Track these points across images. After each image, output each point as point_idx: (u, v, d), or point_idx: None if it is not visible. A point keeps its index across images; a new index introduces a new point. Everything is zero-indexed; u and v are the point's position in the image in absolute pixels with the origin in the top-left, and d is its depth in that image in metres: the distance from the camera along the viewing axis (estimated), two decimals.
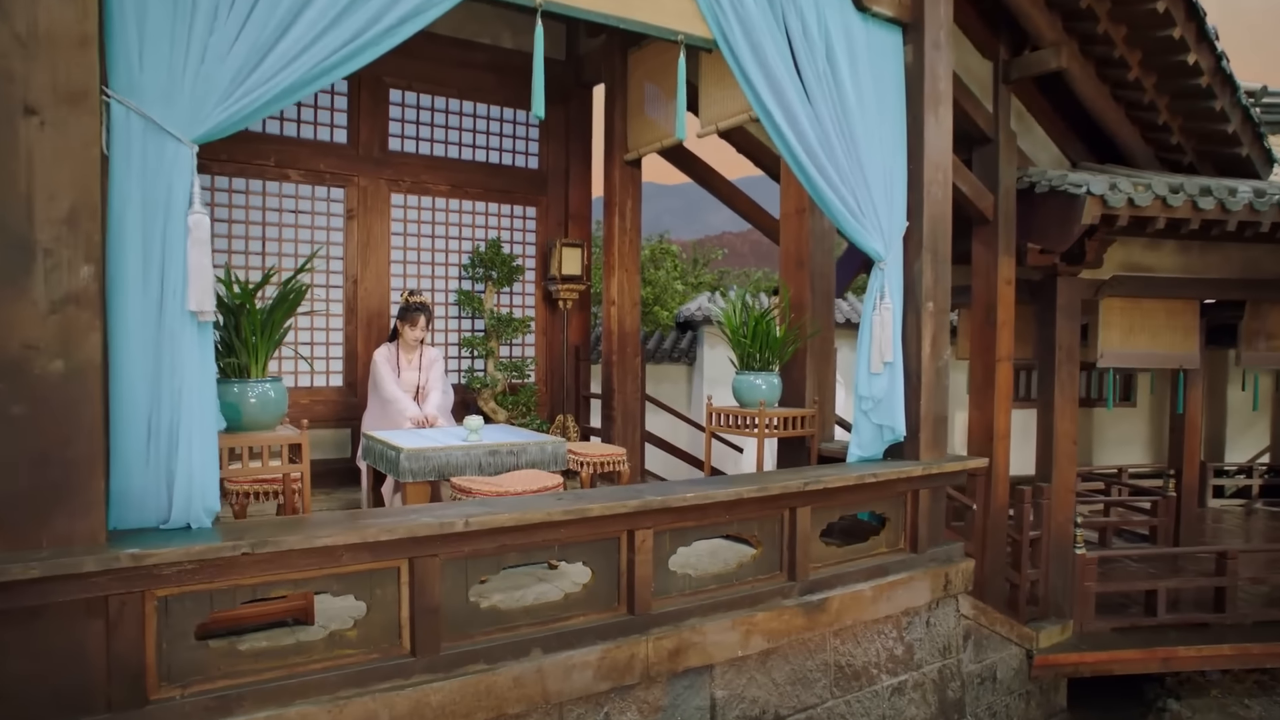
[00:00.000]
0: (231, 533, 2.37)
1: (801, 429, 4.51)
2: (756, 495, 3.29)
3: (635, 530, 3.01)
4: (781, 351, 4.57)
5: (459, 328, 6.57)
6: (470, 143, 6.58)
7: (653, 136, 6.06)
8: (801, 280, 4.66)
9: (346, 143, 6.07)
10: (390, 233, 6.24)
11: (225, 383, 3.08)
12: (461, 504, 2.86)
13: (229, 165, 5.65)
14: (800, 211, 4.68)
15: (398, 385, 5.21)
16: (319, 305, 5.99)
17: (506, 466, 4.29)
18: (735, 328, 4.59)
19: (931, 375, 4.12)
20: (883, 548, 3.98)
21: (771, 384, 4.54)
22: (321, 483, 5.86)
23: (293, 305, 3.18)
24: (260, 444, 3.01)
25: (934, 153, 4.07)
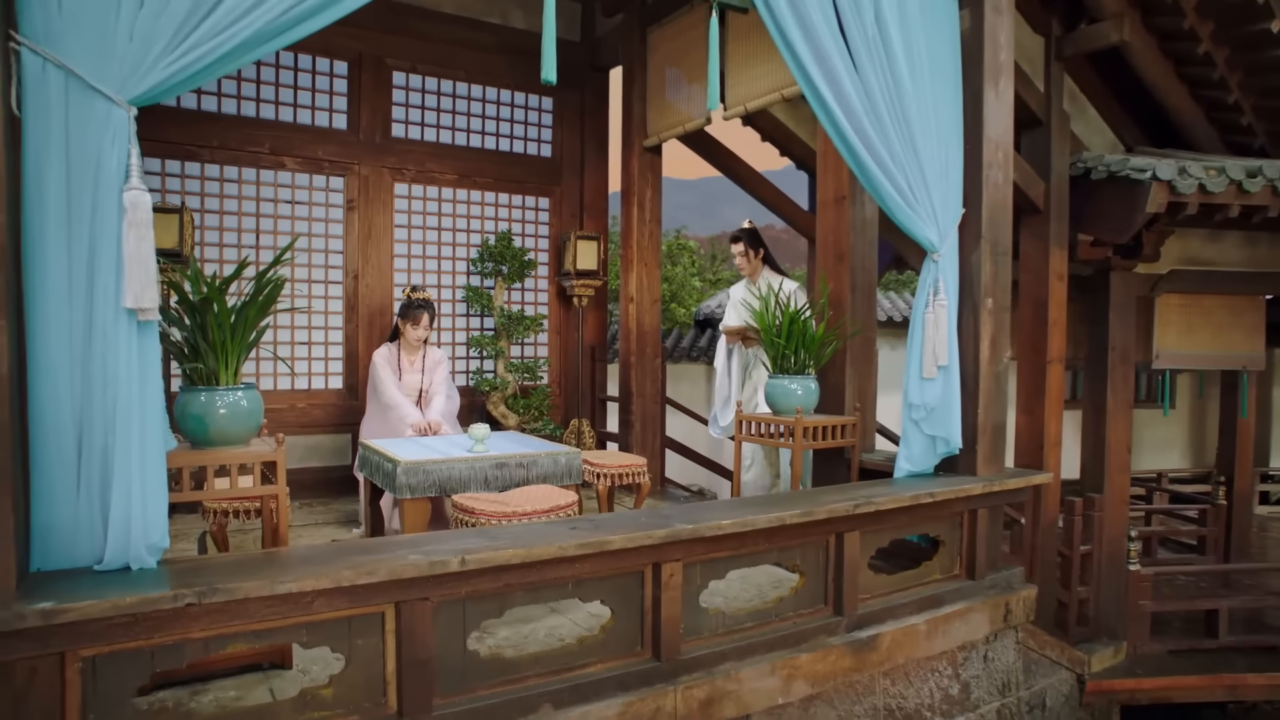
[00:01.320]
0: (178, 577, 1.97)
1: (841, 439, 4.07)
2: (801, 521, 2.86)
3: (662, 563, 2.59)
4: (819, 353, 4.14)
5: (467, 326, 6.16)
6: (479, 129, 6.17)
7: (674, 120, 5.63)
8: (841, 275, 4.23)
9: (346, 129, 5.68)
10: (393, 225, 5.85)
11: (191, 391, 2.68)
12: (458, 535, 2.45)
13: (220, 153, 5.27)
14: (839, 200, 4.24)
15: (399, 389, 4.81)
16: (317, 303, 5.60)
17: (515, 480, 3.89)
18: (768, 327, 4.16)
19: (990, 380, 3.68)
20: (936, 574, 3.54)
21: (808, 389, 4.11)
22: (320, 492, 5.49)
23: (268, 301, 2.77)
24: (229, 462, 2.61)
25: (994, 131, 3.62)
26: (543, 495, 3.53)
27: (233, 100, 5.32)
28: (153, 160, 5.10)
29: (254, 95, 5.38)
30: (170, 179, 5.16)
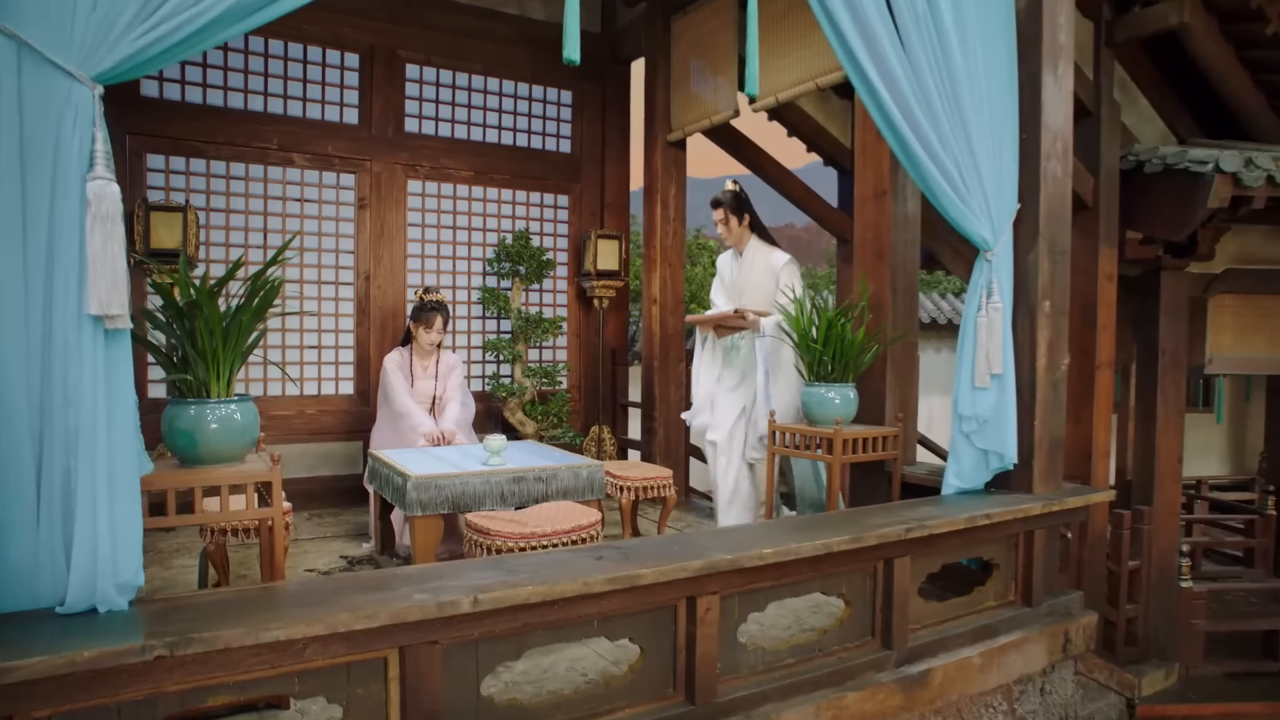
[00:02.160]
0: (151, 622, 1.72)
1: (882, 451, 3.79)
2: (850, 548, 2.59)
3: (697, 597, 2.33)
4: (858, 360, 3.86)
5: (483, 329, 5.92)
6: (495, 124, 5.93)
7: (700, 114, 5.36)
8: (881, 275, 3.94)
9: (358, 123, 5.46)
10: (406, 223, 5.61)
11: (179, 404, 2.44)
12: (470, 568, 2.20)
13: (225, 149, 5.05)
14: (880, 194, 3.95)
15: (410, 396, 4.57)
16: (327, 305, 5.38)
17: (534, 496, 3.64)
18: (804, 331, 3.88)
19: (1048, 390, 3.39)
20: (990, 601, 3.25)
21: (847, 398, 3.83)
22: (329, 502, 5.27)
23: (263, 305, 2.53)
24: (219, 482, 2.37)
25: (1053, 119, 3.33)
26: (563, 513, 3.27)
27: (239, 94, 5.10)
28: (156, 157, 4.90)
29: (261, 89, 5.17)
30: (175, 176, 4.95)
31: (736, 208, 4.50)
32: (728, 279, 4.65)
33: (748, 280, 4.50)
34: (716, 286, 4.76)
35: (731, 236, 4.53)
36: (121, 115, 4.74)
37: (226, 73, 5.06)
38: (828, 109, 6.67)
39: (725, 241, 4.63)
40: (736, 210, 4.50)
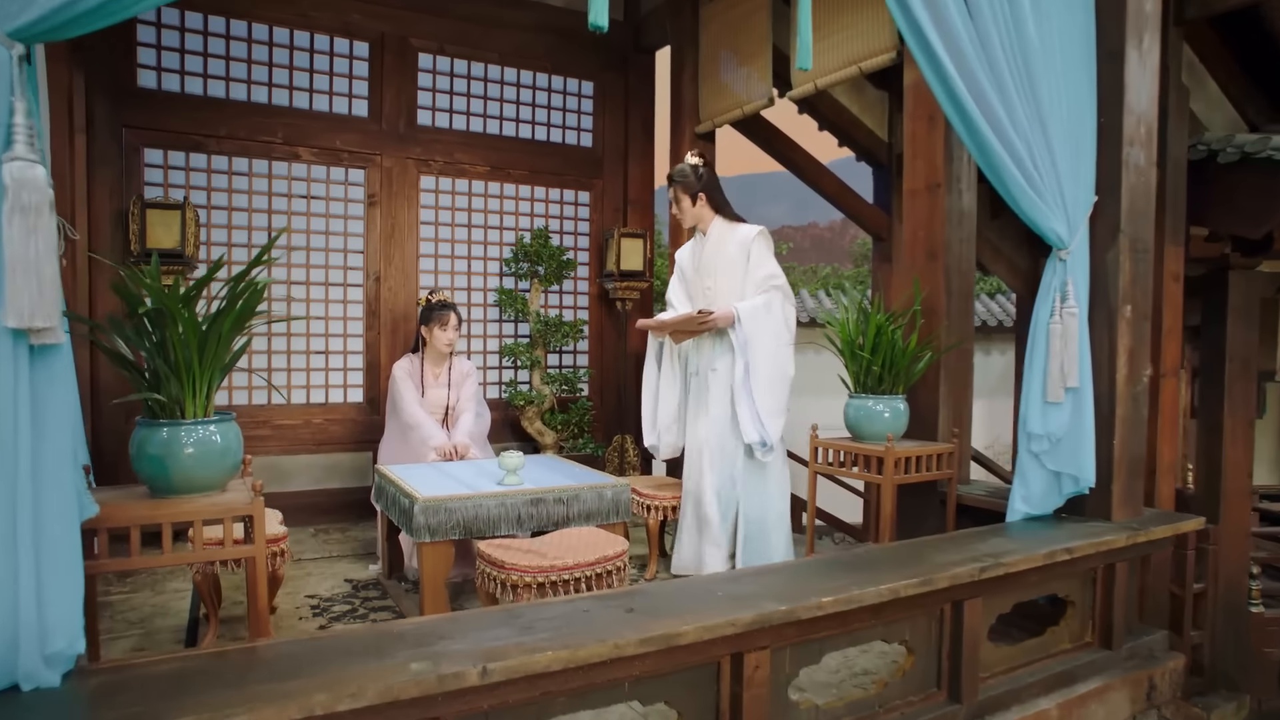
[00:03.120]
0: (86, 707, 1.41)
1: (936, 470, 3.44)
2: (919, 592, 2.24)
3: (745, 653, 1.99)
4: (909, 370, 3.50)
5: (499, 333, 5.61)
6: (513, 116, 5.61)
7: (731, 103, 5.02)
8: (934, 276, 3.58)
9: (368, 116, 5.16)
10: (419, 221, 5.31)
11: (149, 426, 2.14)
12: (479, 623, 1.87)
13: (227, 143, 4.76)
14: (932, 188, 3.60)
15: (421, 406, 4.26)
16: (335, 308, 5.08)
17: (554, 519, 3.31)
18: (850, 339, 3.53)
19: (1129, 404, 3.02)
20: (1065, 643, 2.89)
21: (897, 411, 3.48)
22: (337, 516, 4.98)
23: (246, 311, 2.22)
24: (192, 517, 2.05)
25: (1136, 100, 2.96)
26: (587, 542, 2.94)
27: (242, 85, 4.81)
28: (154, 152, 4.61)
29: (266, 80, 4.88)
30: (173, 172, 4.67)
31: (691, 184, 3.92)
32: (689, 272, 4.09)
33: (716, 262, 3.93)
34: (675, 285, 4.20)
35: (689, 218, 3.98)
36: (118, 107, 4.47)
37: (228, 63, 4.77)
38: (863, 100, 6.31)
39: (684, 225, 4.08)
40: (691, 187, 3.92)
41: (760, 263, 3.82)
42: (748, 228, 3.91)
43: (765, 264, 3.83)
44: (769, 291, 3.80)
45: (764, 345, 3.75)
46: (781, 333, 3.81)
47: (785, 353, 3.84)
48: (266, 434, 4.90)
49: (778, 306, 3.81)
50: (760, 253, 3.83)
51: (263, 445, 4.88)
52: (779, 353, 3.81)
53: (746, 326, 3.74)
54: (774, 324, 3.79)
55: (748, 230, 3.89)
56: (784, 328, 3.82)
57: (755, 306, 3.77)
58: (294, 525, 4.88)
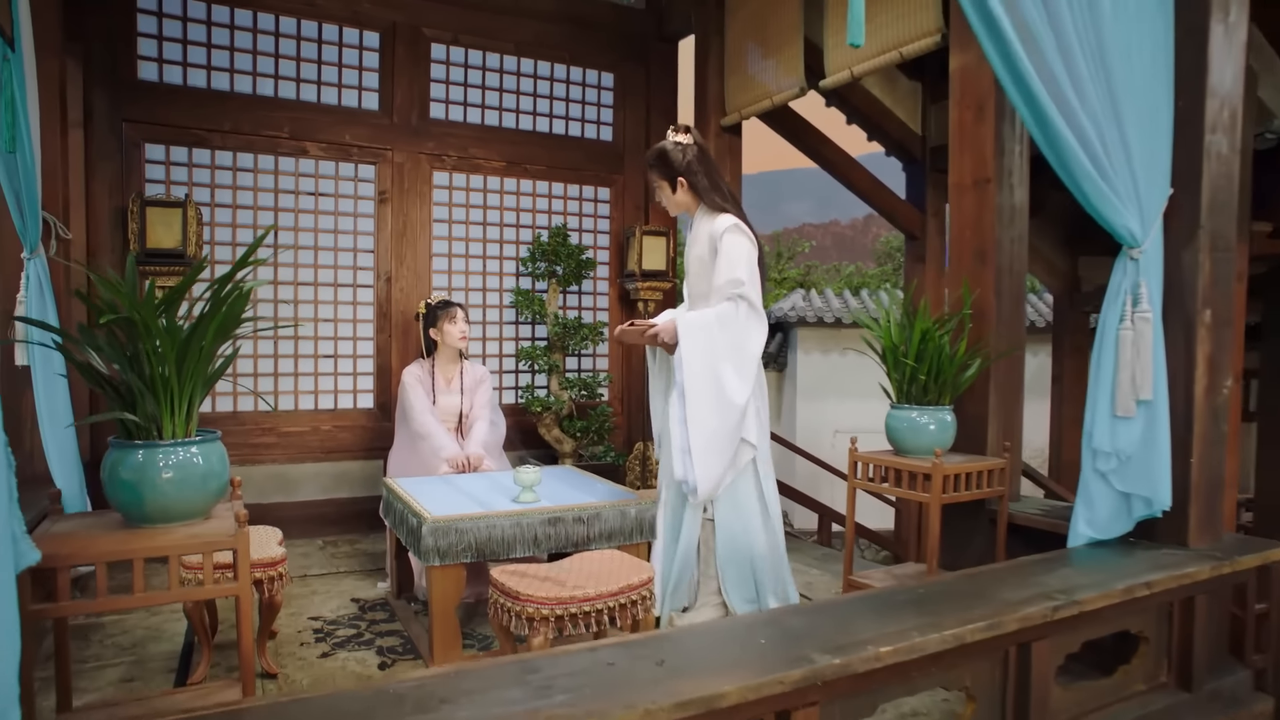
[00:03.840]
0: None
1: (986, 488, 3.17)
2: (986, 636, 1.98)
3: (792, 711, 1.74)
4: (957, 379, 3.23)
5: (515, 335, 5.37)
6: (530, 109, 5.37)
7: (759, 94, 4.76)
8: (983, 278, 3.31)
9: (378, 109, 4.93)
10: (431, 219, 5.08)
11: (122, 449, 1.91)
12: (488, 680, 1.62)
13: (231, 138, 4.55)
14: (982, 183, 3.32)
15: (432, 414, 4.04)
16: (344, 309, 4.86)
17: (573, 540, 3.07)
18: (893, 345, 3.27)
19: (1208, 419, 2.74)
20: (1139, 684, 2.61)
21: (944, 424, 3.21)
22: (347, 527, 4.77)
23: (230, 317, 1.99)
24: (167, 553, 1.82)
25: (1220, 81, 2.68)
26: (609, 568, 2.69)
27: (247, 77, 4.60)
28: (155, 147, 4.41)
29: (271, 71, 4.66)
30: (175, 168, 4.47)
31: (669, 167, 3.23)
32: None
33: (689, 259, 3.33)
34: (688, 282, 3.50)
35: (674, 207, 3.34)
36: (116, 100, 4.28)
37: (233, 54, 4.56)
38: (896, 91, 6.03)
39: (670, 212, 3.46)
40: (671, 170, 3.23)
41: (728, 264, 3.05)
42: (722, 219, 3.13)
43: (733, 266, 3.04)
44: (731, 300, 3.03)
45: (703, 368, 3.00)
46: (733, 354, 3.02)
47: (734, 381, 3.02)
48: (272, 441, 4.69)
49: (734, 322, 3.02)
50: (729, 251, 3.05)
51: (268, 453, 4.68)
52: (724, 380, 3.01)
53: (684, 344, 3.00)
54: (722, 344, 3.01)
55: (720, 222, 3.12)
56: (737, 348, 3.03)
57: (702, 321, 3.02)
58: (301, 537, 4.71)
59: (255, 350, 4.66)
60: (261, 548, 2.85)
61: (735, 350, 3.02)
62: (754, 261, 3.09)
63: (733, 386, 3.01)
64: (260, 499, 4.66)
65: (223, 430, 4.52)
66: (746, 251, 3.07)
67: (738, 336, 3.02)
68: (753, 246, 3.10)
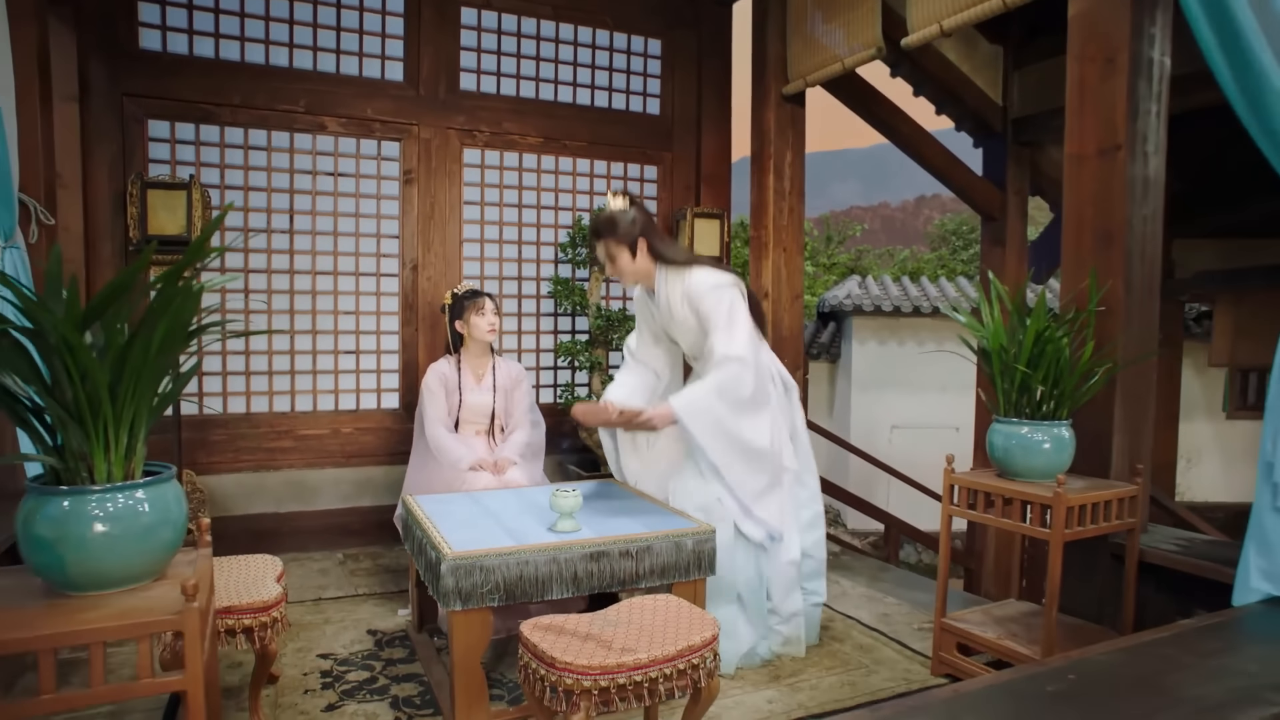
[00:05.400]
0: None
1: (1115, 520, 2.63)
2: None
3: None
4: (1078, 389, 2.69)
5: (554, 328, 4.92)
6: (569, 80, 4.89)
7: (827, 57, 4.22)
8: (1112, 265, 2.76)
9: (403, 80, 4.49)
10: (462, 201, 4.63)
11: (40, 495, 1.48)
12: None
13: (243, 113, 4.14)
14: (1109, 151, 2.76)
15: (447, 425, 3.63)
16: (367, 301, 4.44)
17: (619, 577, 2.61)
18: (1000, 346, 2.73)
19: None
20: None
21: (1061, 442, 2.68)
22: (369, 538, 4.39)
23: (177, 323, 1.54)
24: (86, 640, 1.39)
25: None
26: (665, 622, 2.22)
27: (259, 46, 4.18)
28: (159, 124, 4.02)
29: (285, 39, 4.23)
30: (181, 147, 4.07)
31: (624, 233, 3.01)
32: (651, 325, 3.27)
33: (671, 327, 3.16)
34: (636, 332, 3.37)
35: (629, 276, 3.10)
36: (116, 72, 3.88)
37: (243, 20, 4.14)
38: (975, 57, 5.43)
39: (625, 285, 3.28)
40: (626, 236, 3.01)
41: (714, 329, 2.90)
42: (695, 281, 2.94)
43: (717, 331, 2.89)
44: (723, 366, 2.86)
45: (725, 444, 2.88)
46: (743, 413, 2.89)
47: (751, 432, 2.90)
48: (289, 445, 4.30)
49: (734, 388, 2.86)
50: (712, 314, 2.90)
51: (285, 458, 4.29)
52: (745, 438, 2.89)
53: (692, 428, 2.85)
54: (728, 413, 2.86)
55: (694, 283, 2.94)
56: (744, 407, 2.89)
57: (701, 402, 2.84)
58: (320, 549, 4.32)
59: (270, 347, 4.26)
60: (253, 587, 2.42)
61: (743, 409, 2.90)
62: (739, 313, 2.92)
63: (752, 436, 2.91)
64: (276, 508, 4.28)
65: (235, 433, 4.20)
66: (728, 307, 2.91)
67: (741, 396, 2.89)
68: (736, 295, 2.95)
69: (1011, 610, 3.03)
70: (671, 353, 3.33)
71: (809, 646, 3.13)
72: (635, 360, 3.32)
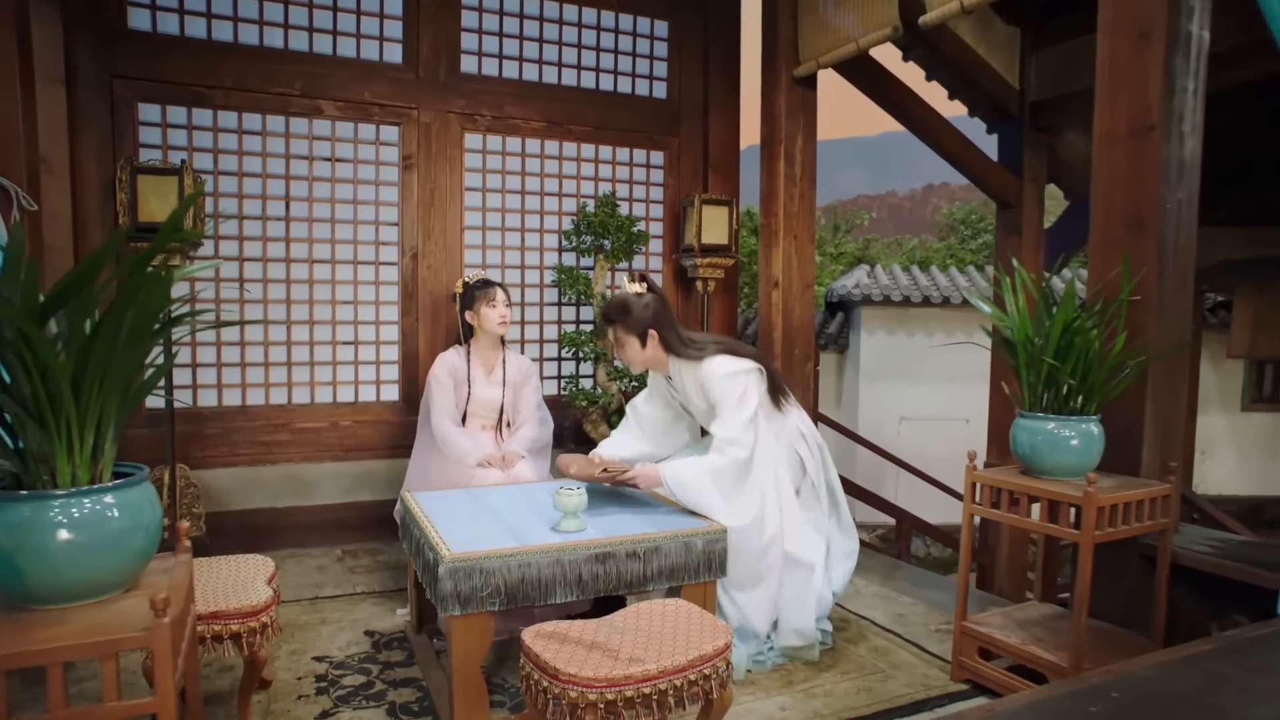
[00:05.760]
0: None
1: (1147, 520, 2.50)
2: None
3: None
4: (1109, 383, 2.56)
5: (558, 318, 4.79)
6: (574, 62, 4.75)
7: (840, 38, 4.08)
8: (1144, 252, 2.62)
9: (402, 62, 4.35)
10: (463, 188, 4.50)
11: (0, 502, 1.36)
12: None
13: (235, 96, 4.01)
14: (1142, 130, 2.62)
15: (454, 419, 3.51)
16: (365, 290, 4.32)
17: (626, 580, 2.49)
18: (1025, 336, 2.60)
19: None
20: None
21: (1090, 438, 2.55)
22: (368, 534, 4.29)
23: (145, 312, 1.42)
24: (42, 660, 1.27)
25: None
26: (676, 630, 2.10)
27: (252, 26, 4.04)
28: (150, 107, 3.89)
29: (280, 19, 4.10)
30: (173, 131, 3.94)
31: (636, 320, 2.93)
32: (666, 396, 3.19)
33: (691, 407, 3.10)
34: (647, 393, 3.26)
35: (638, 363, 3.04)
36: (104, 53, 3.75)
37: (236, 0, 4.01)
38: (991, 38, 5.27)
39: (633, 370, 3.19)
40: (638, 324, 2.93)
41: (721, 414, 2.83)
42: (709, 371, 2.86)
43: (723, 417, 2.82)
44: (724, 450, 2.79)
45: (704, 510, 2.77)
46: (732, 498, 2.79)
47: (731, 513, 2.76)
48: (286, 439, 4.19)
49: (727, 476, 2.78)
50: (720, 402, 2.83)
51: (282, 451, 4.18)
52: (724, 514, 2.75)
53: (678, 495, 2.79)
54: (715, 495, 2.76)
55: (707, 372, 2.87)
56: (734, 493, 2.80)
57: (692, 478, 2.76)
58: (318, 545, 4.21)
59: (266, 337, 4.14)
60: (242, 590, 2.31)
61: (732, 495, 2.80)
62: (749, 400, 2.83)
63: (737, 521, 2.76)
64: (273, 502, 4.17)
65: (231, 425, 4.07)
66: (739, 395, 2.82)
67: (733, 484, 2.80)
68: (750, 382, 2.85)
69: (1034, 613, 2.90)
70: (681, 415, 3.23)
71: (822, 650, 3.01)
72: (637, 421, 3.23)
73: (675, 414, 3.21)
